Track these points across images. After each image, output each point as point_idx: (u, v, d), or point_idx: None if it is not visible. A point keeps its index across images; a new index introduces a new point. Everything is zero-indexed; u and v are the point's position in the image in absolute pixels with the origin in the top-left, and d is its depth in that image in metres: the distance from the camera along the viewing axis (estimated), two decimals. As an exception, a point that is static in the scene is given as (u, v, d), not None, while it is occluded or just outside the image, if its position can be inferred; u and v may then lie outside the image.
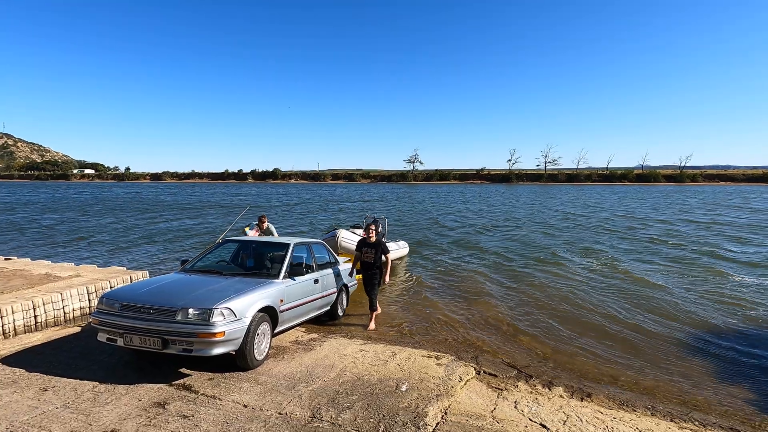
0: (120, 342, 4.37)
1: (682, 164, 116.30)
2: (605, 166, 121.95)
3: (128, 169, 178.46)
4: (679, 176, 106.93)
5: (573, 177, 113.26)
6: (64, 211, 30.22)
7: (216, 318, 4.23)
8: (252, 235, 8.29)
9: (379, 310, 7.03)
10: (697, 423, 4.09)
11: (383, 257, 6.68)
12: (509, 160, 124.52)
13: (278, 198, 50.79)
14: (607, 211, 30.56)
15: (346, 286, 7.10)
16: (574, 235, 18.40)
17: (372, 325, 6.54)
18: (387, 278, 6.75)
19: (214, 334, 4.15)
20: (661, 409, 4.35)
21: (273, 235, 8.35)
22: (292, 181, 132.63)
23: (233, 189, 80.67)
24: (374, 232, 6.80)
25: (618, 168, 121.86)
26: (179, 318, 4.22)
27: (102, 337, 4.52)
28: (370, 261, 6.70)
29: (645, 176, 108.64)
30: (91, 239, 16.98)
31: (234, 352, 4.44)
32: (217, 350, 4.23)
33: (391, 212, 29.17)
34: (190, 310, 4.25)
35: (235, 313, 4.37)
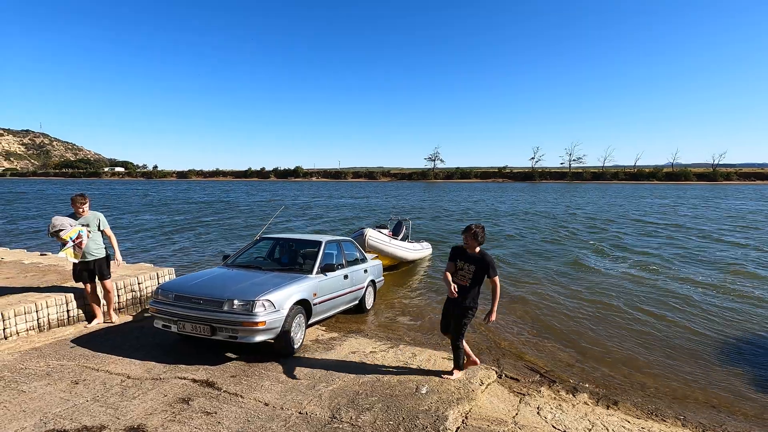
0: (174, 328, 4.81)
1: (715, 162, 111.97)
2: (633, 164, 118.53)
3: (156, 167, 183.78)
4: (711, 174, 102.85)
5: (598, 175, 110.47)
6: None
7: (258, 309, 4.61)
8: (68, 233, 5.39)
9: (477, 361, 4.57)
10: (731, 435, 3.92)
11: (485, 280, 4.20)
12: (532, 158, 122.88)
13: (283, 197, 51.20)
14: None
15: (373, 281, 7.39)
16: (608, 235, 17.91)
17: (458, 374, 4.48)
18: (493, 316, 4.19)
19: (256, 323, 4.54)
20: (693, 419, 4.19)
21: (101, 222, 5.75)
22: (314, 179, 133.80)
23: (250, 186, 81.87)
24: (472, 239, 4.15)
25: (647, 166, 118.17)
26: (226, 308, 4.64)
27: (158, 323, 4.96)
28: (465, 284, 4.21)
29: (675, 174, 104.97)
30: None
31: (273, 340, 4.82)
32: (259, 338, 4.61)
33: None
34: (235, 301, 4.65)
35: (274, 305, 4.74)
